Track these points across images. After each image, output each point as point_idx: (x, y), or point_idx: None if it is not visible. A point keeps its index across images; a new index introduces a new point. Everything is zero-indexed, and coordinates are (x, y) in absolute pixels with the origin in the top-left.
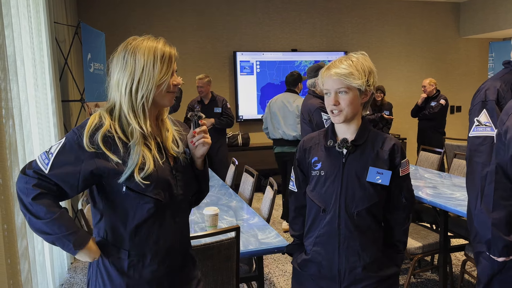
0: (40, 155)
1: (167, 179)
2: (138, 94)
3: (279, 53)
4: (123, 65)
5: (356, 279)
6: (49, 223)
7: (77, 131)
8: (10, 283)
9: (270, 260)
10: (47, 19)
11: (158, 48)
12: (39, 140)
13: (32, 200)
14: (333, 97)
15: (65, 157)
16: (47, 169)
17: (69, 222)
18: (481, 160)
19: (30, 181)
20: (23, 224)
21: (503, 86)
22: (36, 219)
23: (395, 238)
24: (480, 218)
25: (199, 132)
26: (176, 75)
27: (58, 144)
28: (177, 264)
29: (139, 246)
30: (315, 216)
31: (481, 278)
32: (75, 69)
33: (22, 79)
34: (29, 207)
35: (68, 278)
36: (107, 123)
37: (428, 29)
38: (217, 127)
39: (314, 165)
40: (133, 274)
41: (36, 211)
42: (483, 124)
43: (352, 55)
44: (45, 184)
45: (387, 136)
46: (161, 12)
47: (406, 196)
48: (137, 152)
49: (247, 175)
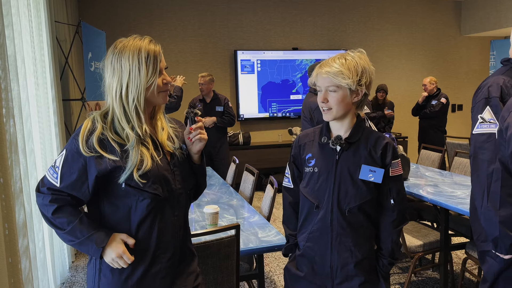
0: (48, 170)
1: (165, 174)
2: (129, 98)
3: (280, 51)
4: (112, 70)
5: (348, 275)
6: (71, 232)
7: (74, 140)
8: (11, 282)
9: (271, 258)
10: (47, 18)
11: (142, 49)
12: (39, 139)
13: (52, 215)
14: (323, 94)
15: (70, 168)
16: (58, 183)
17: (88, 226)
18: (486, 157)
19: (46, 198)
20: (23, 222)
21: (506, 82)
22: (60, 231)
23: (381, 240)
24: (487, 216)
25: (195, 128)
26: (165, 72)
27: (61, 156)
28: (178, 257)
29: (142, 241)
30: (308, 212)
31: (487, 276)
32: (76, 68)
33: (23, 78)
34: (52, 221)
35: (69, 276)
36: (99, 127)
37: (429, 27)
38: (218, 126)
39: (308, 162)
40: (137, 269)
41: (59, 223)
42: (487, 121)
43: (348, 54)
44: (60, 198)
45: (380, 135)
46: (161, 11)
47: (394, 198)
48: (134, 155)
49: (248, 174)
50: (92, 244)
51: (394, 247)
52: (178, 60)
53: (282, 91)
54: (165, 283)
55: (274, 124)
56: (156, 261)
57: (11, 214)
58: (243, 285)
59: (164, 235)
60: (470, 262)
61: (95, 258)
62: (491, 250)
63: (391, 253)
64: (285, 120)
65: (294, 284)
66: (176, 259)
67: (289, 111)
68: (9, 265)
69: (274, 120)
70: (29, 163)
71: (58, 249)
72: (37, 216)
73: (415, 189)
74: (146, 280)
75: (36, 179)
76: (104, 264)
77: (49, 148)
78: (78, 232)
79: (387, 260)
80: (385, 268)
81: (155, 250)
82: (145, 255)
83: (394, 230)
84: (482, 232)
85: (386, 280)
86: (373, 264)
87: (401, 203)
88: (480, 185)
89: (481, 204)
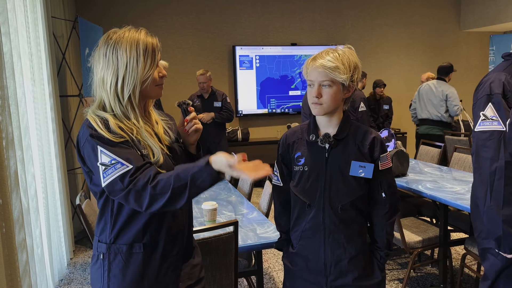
0: (109, 175)
1: (171, 167)
2: (124, 91)
3: (279, 47)
4: (106, 62)
5: (342, 271)
6: (174, 181)
7: (95, 134)
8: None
9: (269, 254)
10: (44, 14)
11: (141, 41)
12: (36, 135)
13: (152, 190)
14: (316, 89)
15: (119, 150)
16: (129, 166)
17: (185, 166)
18: (489, 155)
19: (136, 185)
20: (20, 216)
21: (508, 79)
22: (172, 193)
23: (375, 233)
24: (490, 215)
25: (190, 120)
26: (161, 66)
27: (100, 152)
28: (184, 250)
29: (153, 236)
30: (300, 211)
31: (488, 274)
32: (73, 64)
33: (19, 74)
34: (159, 195)
35: (68, 273)
36: (109, 116)
37: (428, 22)
38: (217, 122)
39: (297, 160)
40: (149, 266)
41: (161, 189)
42: (489, 118)
43: (339, 48)
44: (142, 174)
45: (368, 130)
46: (159, 7)
47: (385, 191)
48: (154, 145)
49: None
50: (202, 171)
51: (389, 238)
52: (176, 55)
53: (280, 87)
54: (175, 276)
55: (273, 120)
56: (167, 255)
57: (8, 208)
58: (241, 282)
59: (172, 229)
60: (469, 258)
61: (103, 258)
62: (492, 248)
63: (386, 245)
64: (284, 116)
65: (289, 280)
66: (183, 252)
67: (288, 107)
68: (6, 257)
69: (273, 116)
70: (26, 159)
71: (56, 245)
72: (34, 212)
73: (414, 184)
74: (158, 276)
75: (32, 175)
76: (114, 264)
77: (46, 144)
78: (182, 175)
79: (384, 252)
80: (382, 260)
81: (164, 245)
82: (155, 251)
83: (387, 222)
84: (483, 230)
85: (382, 271)
86: (366, 258)
87: (392, 196)
88: (482, 184)
89: (483, 203)
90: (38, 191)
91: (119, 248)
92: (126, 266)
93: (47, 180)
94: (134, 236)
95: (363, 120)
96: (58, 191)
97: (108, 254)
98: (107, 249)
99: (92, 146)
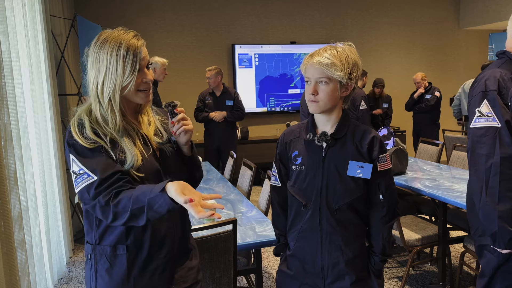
0: (78, 184)
1: (156, 169)
2: (104, 95)
3: (278, 45)
4: (91, 64)
5: (340, 274)
6: (135, 203)
7: (70, 140)
8: (7, 271)
9: (269, 253)
10: (42, 12)
11: (123, 45)
12: (35, 134)
13: (114, 207)
14: (313, 86)
15: (90, 159)
16: (94, 177)
17: (145, 188)
18: (484, 151)
19: (99, 199)
20: (19, 216)
21: (503, 75)
22: (131, 214)
23: (372, 237)
24: (486, 211)
25: (177, 121)
26: (146, 70)
27: (72, 162)
28: (175, 253)
29: (137, 238)
30: (297, 211)
31: (485, 271)
32: (72, 63)
33: (18, 73)
34: (120, 213)
35: (67, 272)
36: (86, 121)
37: (428, 20)
38: (228, 121)
39: (295, 160)
40: (134, 268)
41: (122, 208)
42: (484, 115)
43: (338, 45)
44: (106, 188)
45: (367, 129)
46: (158, 5)
47: (383, 193)
48: (129, 148)
49: (246, 168)
50: (158, 197)
51: (385, 243)
52: (175, 54)
53: (280, 85)
54: (164, 279)
55: (272, 118)
56: (153, 258)
57: (7, 207)
58: (241, 280)
59: (159, 231)
60: (468, 256)
61: (90, 259)
62: (489, 245)
63: (382, 250)
64: (283, 115)
65: (286, 284)
66: (173, 254)
67: (287, 105)
68: (5, 256)
69: (272, 115)
70: (24, 157)
71: (55, 244)
72: (33, 210)
73: (413, 182)
74: (144, 278)
75: (31, 174)
76: (99, 264)
77: (45, 143)
78: (141, 198)
79: (379, 258)
80: (377, 266)
81: (150, 247)
82: (140, 253)
83: (384, 226)
84: (479, 227)
85: (379, 278)
86: (365, 262)
87: (390, 198)
88: (478, 180)
89: (479, 199)
90: (37, 190)
91: (103, 249)
92: (111, 267)
93: (46, 179)
94: (117, 237)
95: (363, 118)
96: (57, 189)
97: (95, 255)
98: (92, 250)
99: (67, 153)
